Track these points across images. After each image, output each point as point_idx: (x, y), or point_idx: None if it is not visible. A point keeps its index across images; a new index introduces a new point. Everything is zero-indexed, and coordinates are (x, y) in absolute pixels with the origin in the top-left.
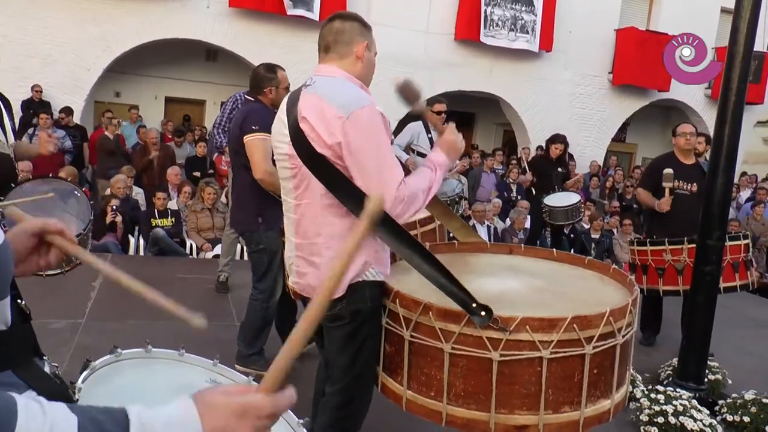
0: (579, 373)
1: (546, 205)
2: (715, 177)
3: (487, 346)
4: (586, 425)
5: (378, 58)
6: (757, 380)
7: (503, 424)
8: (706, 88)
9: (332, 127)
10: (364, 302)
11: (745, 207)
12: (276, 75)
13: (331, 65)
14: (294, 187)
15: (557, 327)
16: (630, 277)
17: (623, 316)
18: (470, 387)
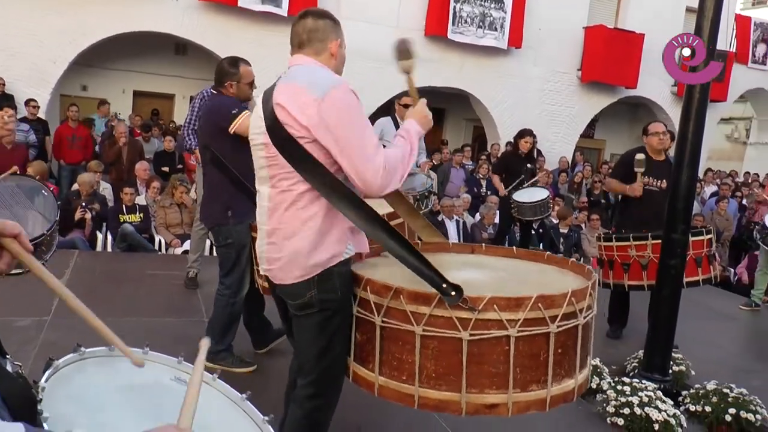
0: (545, 352)
1: (514, 200)
2: (679, 172)
3: (457, 326)
4: (553, 403)
5: (348, 53)
6: (718, 371)
7: (474, 404)
8: (672, 85)
9: (308, 109)
10: (334, 292)
11: (709, 202)
12: (238, 70)
13: (305, 56)
14: (270, 176)
15: (523, 305)
16: (588, 267)
17: (584, 297)
18: (441, 368)
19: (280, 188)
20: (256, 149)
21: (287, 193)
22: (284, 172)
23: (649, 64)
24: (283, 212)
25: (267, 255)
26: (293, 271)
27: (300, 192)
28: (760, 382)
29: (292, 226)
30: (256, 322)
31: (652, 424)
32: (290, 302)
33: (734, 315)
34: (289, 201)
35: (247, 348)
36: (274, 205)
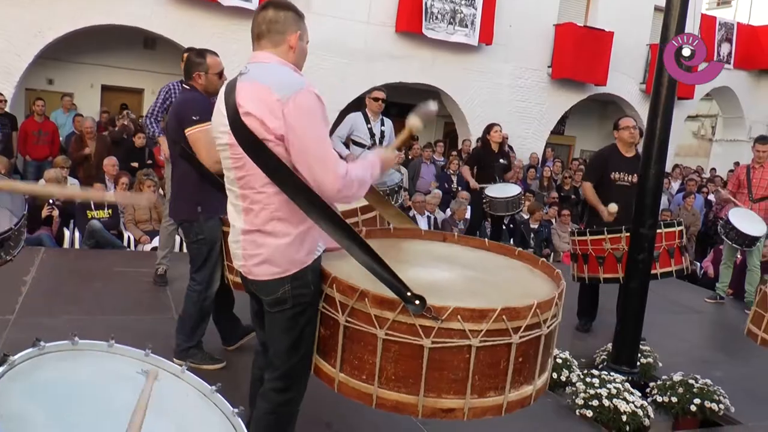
0: (505, 360)
1: (487, 196)
2: (647, 167)
3: (419, 334)
4: (509, 409)
5: (318, 48)
6: (684, 362)
7: (431, 407)
8: (641, 83)
9: (273, 112)
10: (307, 287)
11: (676, 198)
12: (204, 60)
13: (264, 52)
14: (238, 177)
15: (487, 317)
16: (557, 271)
17: (549, 308)
18: (401, 371)
19: (252, 189)
20: (222, 149)
21: (259, 195)
22: (252, 174)
23: (619, 62)
24: (257, 212)
25: (243, 252)
26: (270, 268)
27: (272, 193)
28: (723, 373)
29: (267, 227)
30: (225, 319)
31: (620, 416)
32: (263, 298)
33: (700, 308)
34: (263, 202)
35: (214, 345)
36: (247, 206)
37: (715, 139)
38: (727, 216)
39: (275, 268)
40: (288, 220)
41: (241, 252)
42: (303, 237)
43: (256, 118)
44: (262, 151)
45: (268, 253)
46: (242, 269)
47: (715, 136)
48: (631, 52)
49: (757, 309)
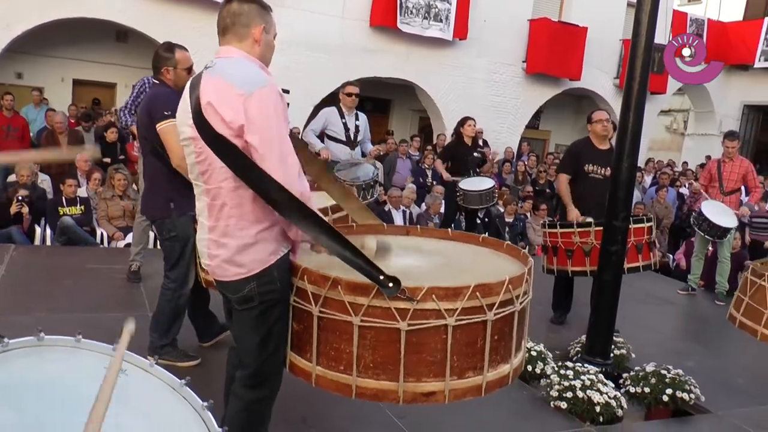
0: (482, 339)
1: (461, 189)
2: (620, 161)
3: (395, 317)
4: (489, 389)
5: (293, 42)
6: (657, 353)
7: (411, 392)
8: (615, 78)
9: (234, 106)
10: (273, 283)
11: (650, 191)
12: (173, 55)
13: (230, 47)
14: (201, 172)
15: (461, 295)
16: (523, 251)
17: (521, 284)
18: (379, 358)
19: (214, 184)
20: (186, 144)
21: (221, 190)
22: (215, 168)
23: (593, 57)
24: (219, 209)
25: (207, 251)
26: (231, 269)
27: (231, 188)
28: (695, 363)
29: (229, 224)
30: (201, 315)
31: (594, 407)
32: (230, 296)
33: (672, 299)
34: (223, 197)
35: (190, 342)
36: (210, 200)
37: (687, 133)
38: (699, 208)
39: (236, 268)
40: (248, 218)
41: (206, 251)
42: (264, 236)
43: (217, 112)
44: (224, 145)
45: (229, 254)
46: (208, 269)
47: (687, 130)
48: (604, 47)
49: (738, 294)
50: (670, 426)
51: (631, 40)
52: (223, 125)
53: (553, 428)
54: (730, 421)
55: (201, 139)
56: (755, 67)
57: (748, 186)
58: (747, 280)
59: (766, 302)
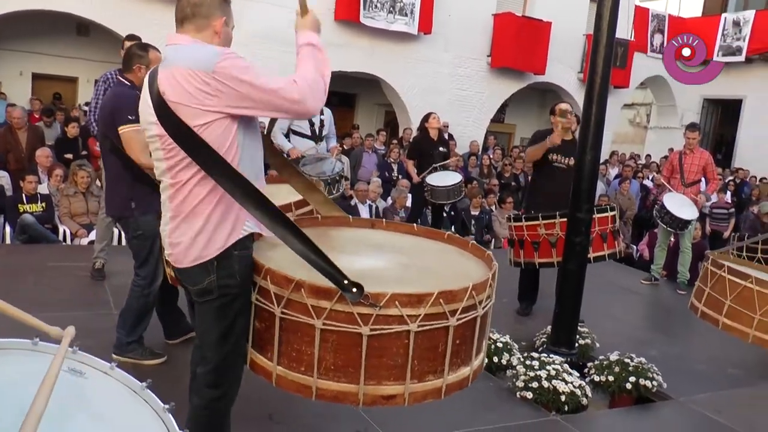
0: (443, 344)
1: (428, 184)
2: (583, 153)
3: (357, 322)
4: (448, 391)
5: (258, 36)
6: (621, 342)
7: (371, 395)
8: (579, 72)
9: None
10: (233, 277)
11: (613, 183)
12: (147, 54)
13: (185, 35)
14: (168, 168)
15: (424, 302)
16: (488, 252)
17: (484, 289)
18: (340, 361)
19: (180, 179)
20: (151, 141)
21: (187, 183)
22: (182, 163)
23: (557, 51)
24: (183, 199)
25: (169, 239)
26: (191, 253)
27: (198, 180)
28: (657, 352)
29: (190, 210)
30: (168, 313)
31: (559, 396)
32: (190, 288)
33: (636, 289)
34: (188, 189)
35: (158, 339)
36: (173, 192)
37: (650, 126)
38: (662, 200)
39: (196, 251)
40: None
41: (168, 240)
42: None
43: (185, 105)
44: (192, 140)
45: (188, 239)
46: (170, 258)
47: (650, 123)
48: (568, 41)
49: (699, 284)
50: (634, 413)
51: (593, 35)
52: (199, 113)
53: (519, 418)
54: (691, 407)
55: (168, 136)
56: (714, 62)
57: (707, 177)
58: (708, 270)
59: (727, 293)
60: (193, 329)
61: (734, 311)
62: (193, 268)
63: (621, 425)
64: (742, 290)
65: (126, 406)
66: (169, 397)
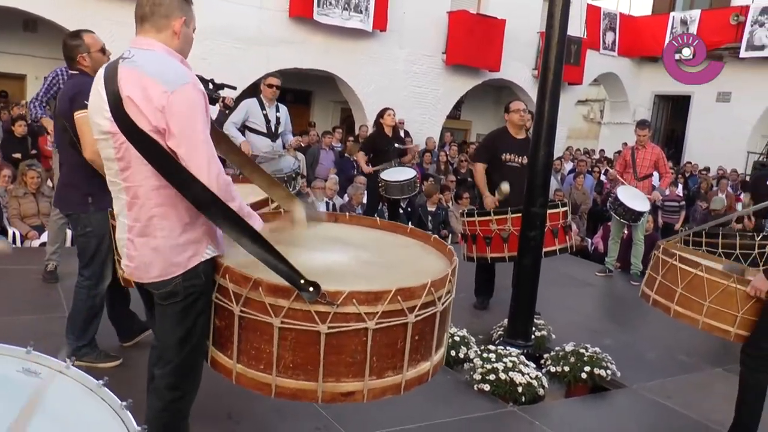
0: (402, 340)
1: (382, 179)
2: (537, 149)
3: (315, 320)
4: (407, 387)
5: (212, 33)
6: (576, 333)
7: (330, 392)
8: (533, 69)
9: (156, 104)
10: (198, 278)
11: (568, 178)
12: (81, 39)
13: (148, 38)
14: (121, 169)
15: (382, 299)
16: (449, 247)
17: (443, 285)
18: (299, 359)
19: (134, 182)
20: (102, 138)
21: (141, 188)
22: (136, 166)
23: (511, 49)
24: (138, 209)
25: (126, 251)
26: (150, 271)
27: (153, 187)
28: (612, 341)
29: (150, 224)
30: (120, 314)
31: (516, 387)
32: (153, 292)
33: (591, 281)
34: (143, 197)
35: (112, 342)
36: (129, 199)
37: (603, 122)
38: (615, 193)
39: (156, 270)
40: (169, 218)
41: (126, 251)
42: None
43: (139, 109)
44: (147, 142)
45: (147, 257)
46: (126, 269)
47: (603, 119)
48: (522, 39)
49: (650, 272)
50: (589, 402)
51: (545, 32)
52: (146, 122)
53: (477, 410)
54: (643, 394)
55: (121, 135)
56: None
57: (659, 171)
58: (659, 259)
59: (678, 281)
60: (147, 329)
61: (685, 299)
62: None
63: (577, 414)
64: (692, 278)
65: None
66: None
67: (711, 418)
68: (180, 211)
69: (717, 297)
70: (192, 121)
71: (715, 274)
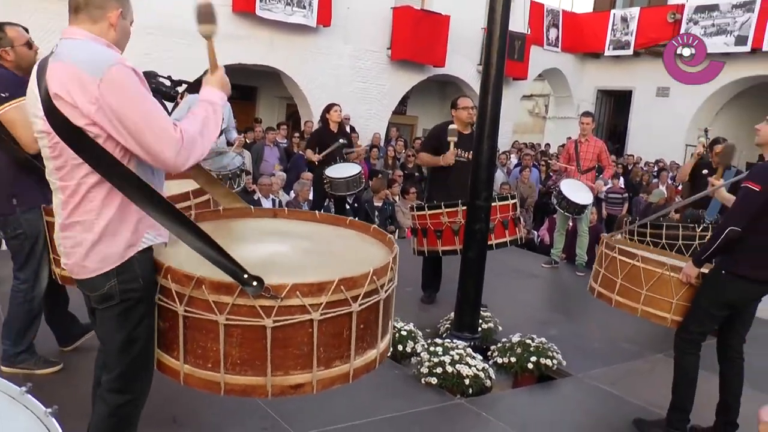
0: (347, 329)
1: (327, 176)
2: (480, 143)
3: (260, 314)
4: (356, 375)
5: (155, 28)
6: (523, 324)
7: (279, 386)
8: (478, 64)
9: (86, 95)
10: (136, 281)
11: (514, 172)
12: (5, 34)
13: (77, 28)
14: (56, 168)
15: (325, 290)
16: (389, 236)
17: (385, 273)
18: (246, 354)
19: (70, 180)
20: (39, 137)
21: (78, 186)
22: (71, 163)
23: (456, 45)
24: (75, 206)
25: (63, 249)
26: (88, 266)
27: (91, 184)
28: (557, 331)
29: (85, 220)
30: (59, 318)
31: (463, 380)
32: (89, 294)
33: (537, 273)
34: (81, 194)
35: (51, 347)
36: (66, 198)
37: (548, 116)
38: (559, 186)
39: (93, 264)
40: (107, 213)
41: (62, 249)
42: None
43: (68, 103)
44: (80, 138)
45: (84, 251)
46: (65, 267)
47: (548, 113)
48: (467, 35)
49: (596, 266)
50: (535, 391)
51: (486, 28)
52: (78, 116)
53: (424, 404)
54: (588, 382)
55: (55, 133)
56: (605, 56)
57: (602, 164)
58: (602, 253)
59: (618, 272)
60: (87, 332)
61: (624, 288)
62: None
63: (523, 403)
64: (630, 268)
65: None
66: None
67: (652, 403)
68: (116, 203)
69: (653, 285)
70: (130, 103)
71: (650, 264)
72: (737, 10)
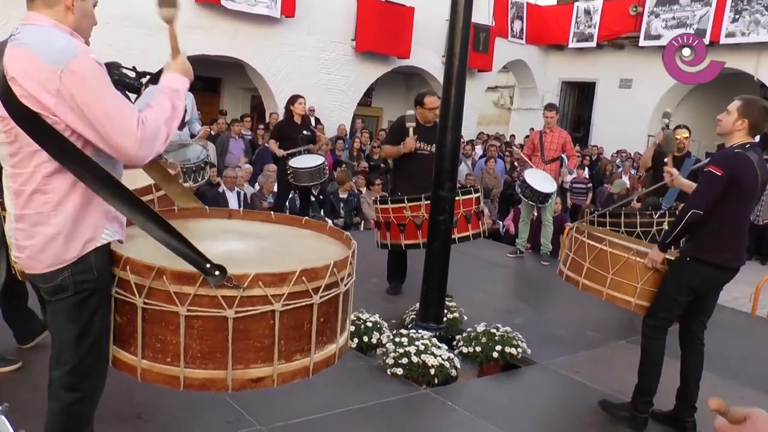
0: (308, 322)
1: (291, 167)
2: (444, 134)
3: (222, 305)
4: (316, 369)
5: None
6: (488, 314)
7: (240, 380)
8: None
9: (46, 85)
10: (90, 272)
11: (479, 163)
12: None
13: (38, 13)
14: (10, 154)
15: (288, 280)
16: (346, 234)
17: (345, 266)
18: (207, 347)
19: (24, 168)
20: None
21: (33, 174)
22: (27, 151)
23: (421, 36)
24: (29, 196)
25: (15, 242)
26: (44, 261)
27: (47, 173)
28: (523, 320)
29: (41, 212)
30: (17, 315)
31: (429, 370)
32: (40, 286)
33: (502, 263)
34: (36, 183)
35: (9, 344)
36: (18, 187)
37: (513, 108)
38: (523, 176)
39: (49, 259)
40: (64, 205)
41: (15, 242)
42: (80, 223)
43: (27, 91)
44: (38, 126)
45: (40, 244)
46: (18, 261)
47: (513, 105)
48: (432, 26)
49: (565, 250)
50: (501, 380)
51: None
52: (37, 106)
53: (390, 394)
54: (552, 369)
55: (10, 118)
56: (569, 47)
57: (567, 154)
58: (572, 237)
59: (586, 256)
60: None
61: (591, 272)
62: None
63: (489, 392)
64: (598, 253)
65: None
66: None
67: (615, 389)
68: (75, 196)
69: (619, 269)
70: (91, 94)
71: (617, 248)
72: (696, 4)
